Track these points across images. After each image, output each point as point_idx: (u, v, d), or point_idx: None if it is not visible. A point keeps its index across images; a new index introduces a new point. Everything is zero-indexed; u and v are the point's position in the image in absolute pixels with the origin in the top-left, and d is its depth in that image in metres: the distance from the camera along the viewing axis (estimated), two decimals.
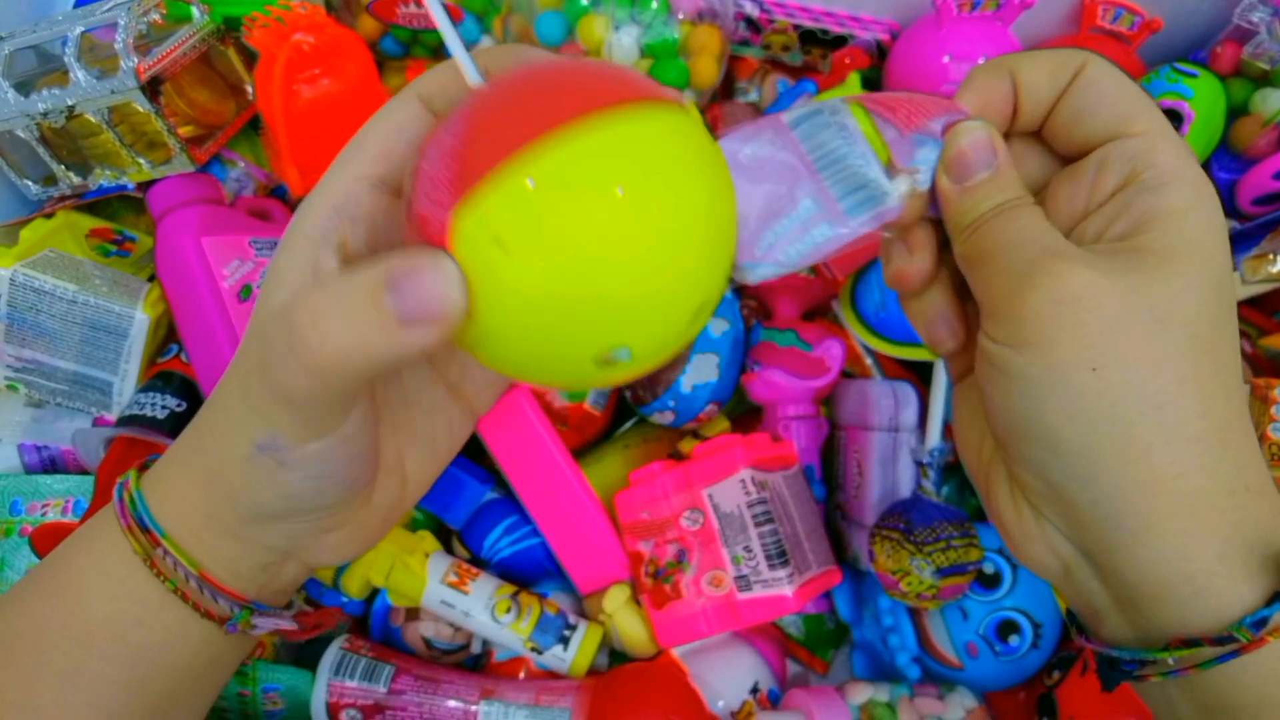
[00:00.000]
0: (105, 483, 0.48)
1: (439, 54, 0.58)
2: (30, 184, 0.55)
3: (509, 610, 0.48)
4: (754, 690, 0.48)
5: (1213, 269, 0.23)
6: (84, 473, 0.51)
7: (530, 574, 0.52)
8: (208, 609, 0.26)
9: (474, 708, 0.45)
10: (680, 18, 0.50)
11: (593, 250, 0.20)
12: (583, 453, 0.55)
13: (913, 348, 0.52)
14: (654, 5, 0.50)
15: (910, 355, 0.52)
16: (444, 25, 0.23)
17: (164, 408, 0.49)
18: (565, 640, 0.48)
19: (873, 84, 0.56)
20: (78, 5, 0.56)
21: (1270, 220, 0.50)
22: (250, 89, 0.55)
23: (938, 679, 0.49)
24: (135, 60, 0.47)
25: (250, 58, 0.54)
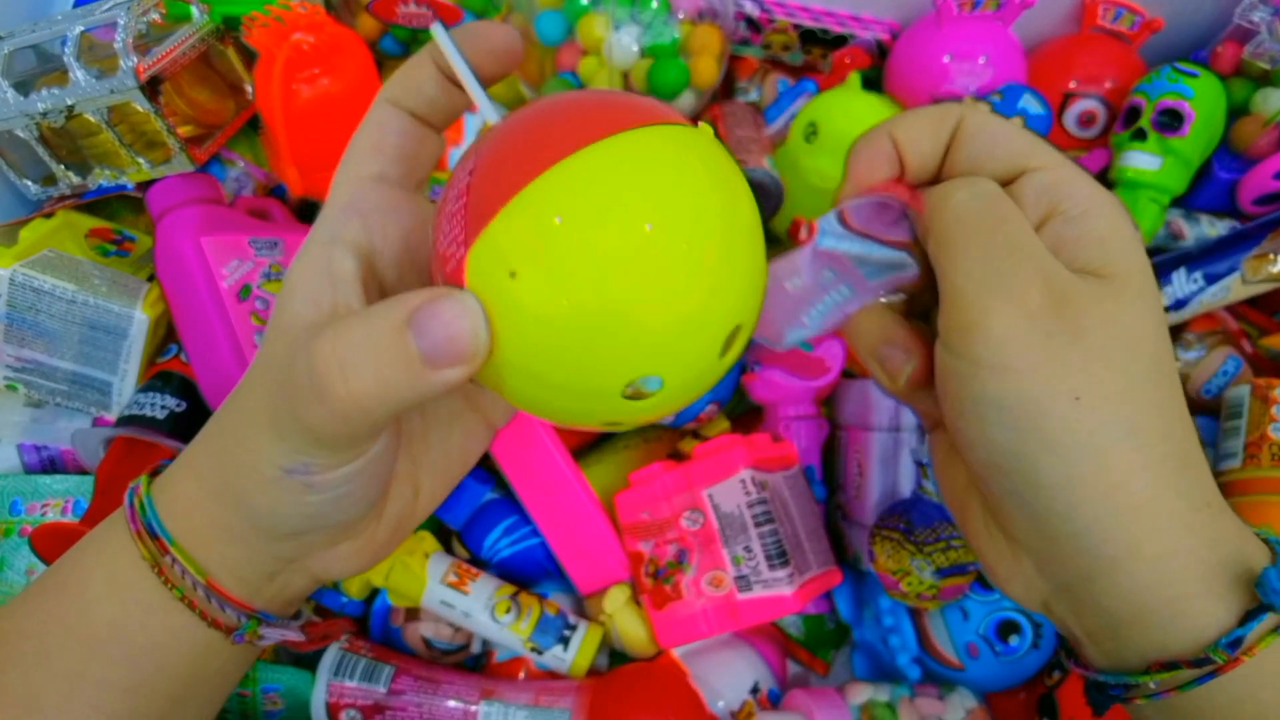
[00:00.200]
0: (105, 483, 0.48)
1: None
2: (30, 184, 0.55)
3: (509, 610, 0.48)
4: (754, 690, 0.48)
5: (1152, 289, 0.23)
6: (83, 473, 0.51)
7: (530, 574, 0.52)
8: (214, 618, 0.26)
9: (474, 708, 0.45)
10: (680, 17, 0.50)
11: (603, 271, 0.19)
12: (583, 453, 0.55)
13: None
14: (654, 4, 0.50)
15: None
16: (460, 68, 0.24)
17: (163, 408, 0.49)
18: (565, 640, 0.48)
19: (873, 83, 0.56)
20: (77, 5, 0.56)
21: (1270, 220, 0.50)
22: (250, 88, 0.55)
23: (938, 679, 0.49)
24: (135, 60, 0.47)
25: (250, 57, 0.54)
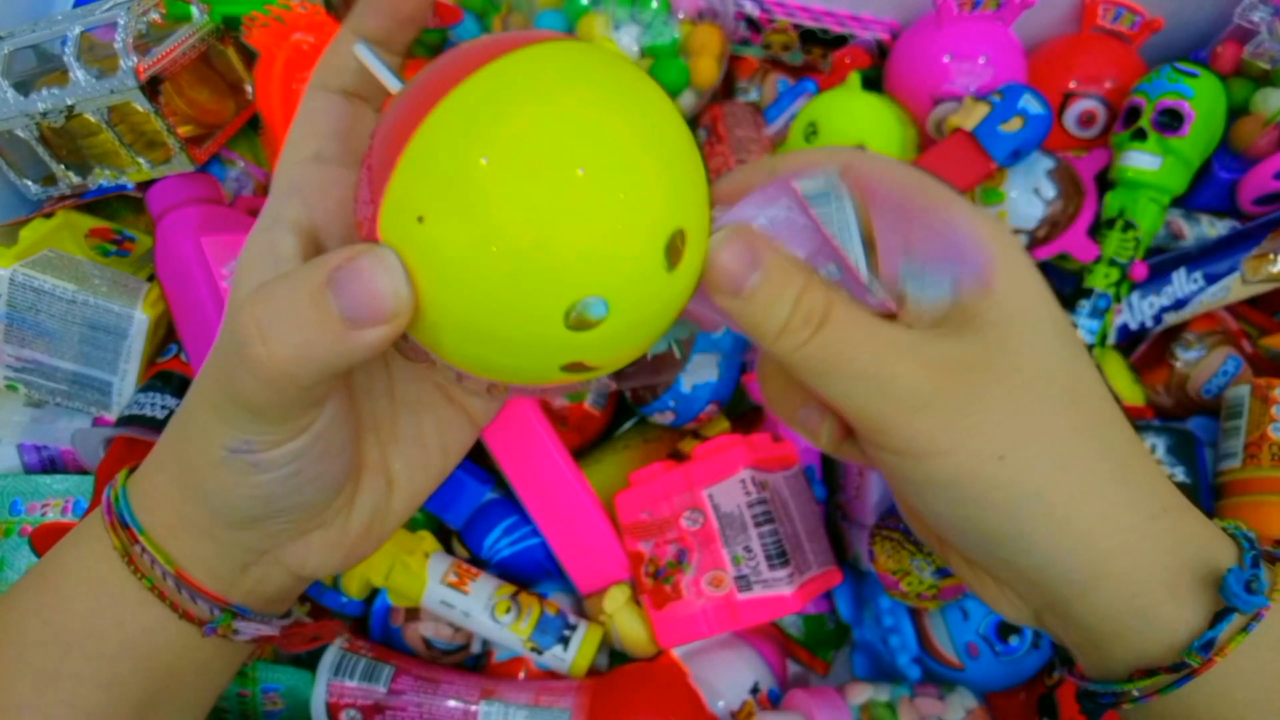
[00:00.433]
0: (104, 483, 0.48)
1: (437, 52, 0.58)
2: (30, 184, 0.55)
3: (509, 610, 0.48)
4: (754, 690, 0.48)
5: (1048, 317, 0.23)
6: (84, 473, 0.51)
7: (530, 574, 0.52)
8: (186, 609, 0.26)
9: (474, 708, 0.45)
10: (680, 17, 0.50)
11: (508, 191, 0.18)
12: (583, 453, 0.55)
13: None
14: (654, 4, 0.50)
15: None
16: (361, 50, 0.24)
17: (163, 408, 0.49)
18: (565, 640, 0.48)
19: (873, 83, 0.56)
20: (77, 5, 0.56)
21: (1270, 220, 0.50)
22: (250, 88, 0.55)
23: (938, 679, 0.49)
24: (135, 60, 0.47)
25: (250, 57, 0.54)
